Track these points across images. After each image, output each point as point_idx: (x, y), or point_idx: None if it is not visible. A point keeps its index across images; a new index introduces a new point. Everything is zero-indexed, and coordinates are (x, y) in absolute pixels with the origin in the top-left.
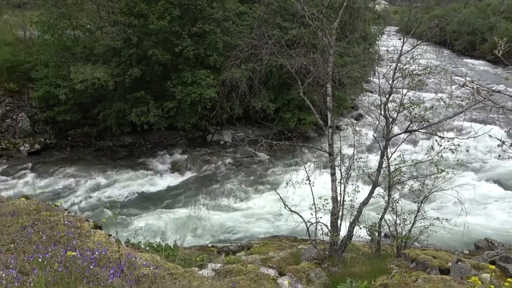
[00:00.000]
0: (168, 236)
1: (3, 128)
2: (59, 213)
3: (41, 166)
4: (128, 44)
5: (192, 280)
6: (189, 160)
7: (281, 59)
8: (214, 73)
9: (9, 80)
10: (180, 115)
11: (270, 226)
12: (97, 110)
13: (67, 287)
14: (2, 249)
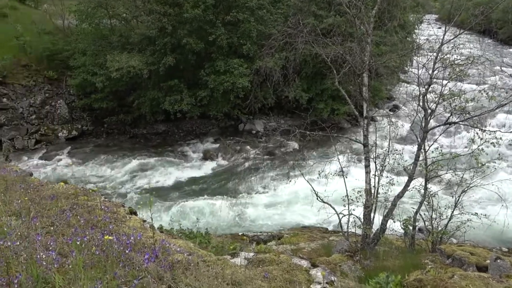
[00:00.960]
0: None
1: (42, 115)
2: (96, 198)
3: (78, 151)
4: (162, 33)
5: (225, 267)
6: (221, 148)
7: (316, 48)
8: (247, 62)
9: (49, 68)
10: (213, 103)
11: (301, 217)
12: (132, 98)
13: (103, 270)
14: (42, 232)
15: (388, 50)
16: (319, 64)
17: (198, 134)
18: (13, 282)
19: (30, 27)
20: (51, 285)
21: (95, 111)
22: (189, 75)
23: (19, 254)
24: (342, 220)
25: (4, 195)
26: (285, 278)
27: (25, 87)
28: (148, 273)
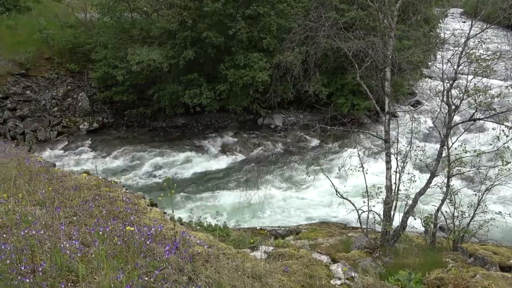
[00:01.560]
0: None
1: (64, 107)
2: (117, 189)
3: (98, 143)
4: (183, 27)
5: (245, 261)
6: (239, 143)
7: (338, 42)
8: (267, 56)
9: (71, 61)
10: (232, 97)
11: (319, 212)
12: (152, 91)
13: (125, 261)
14: (65, 221)
15: (411, 44)
16: (339, 58)
17: (216, 128)
18: (38, 270)
19: (53, 21)
20: (74, 273)
21: (116, 104)
22: (209, 69)
23: (43, 243)
24: (362, 216)
25: (28, 185)
26: (305, 273)
27: (48, 79)
28: (169, 264)
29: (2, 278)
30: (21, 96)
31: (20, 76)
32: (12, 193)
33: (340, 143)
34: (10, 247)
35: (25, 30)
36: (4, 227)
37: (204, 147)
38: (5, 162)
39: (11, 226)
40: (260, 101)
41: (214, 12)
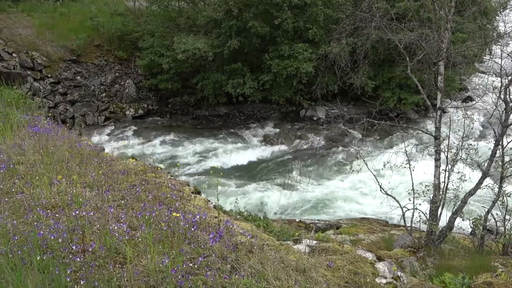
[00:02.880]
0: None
1: (112, 93)
2: (162, 176)
3: (143, 130)
4: (228, 16)
5: (288, 253)
6: (281, 134)
7: (389, 34)
8: (312, 47)
9: (119, 49)
10: (275, 88)
11: (360, 208)
12: (196, 80)
13: (170, 246)
14: (113, 204)
15: (466, 37)
16: (388, 50)
17: (258, 118)
18: (88, 250)
19: (104, 8)
20: (121, 255)
21: (161, 92)
22: (253, 58)
23: (93, 224)
24: (406, 214)
25: (79, 167)
26: (349, 269)
27: (97, 66)
28: (213, 252)
29: (54, 255)
30: (72, 82)
31: (71, 62)
32: (65, 175)
33: (385, 138)
34: (62, 226)
35: (77, 18)
36: (56, 207)
37: (245, 137)
38: (59, 145)
39: (63, 206)
40: (303, 92)
41: (261, 1)
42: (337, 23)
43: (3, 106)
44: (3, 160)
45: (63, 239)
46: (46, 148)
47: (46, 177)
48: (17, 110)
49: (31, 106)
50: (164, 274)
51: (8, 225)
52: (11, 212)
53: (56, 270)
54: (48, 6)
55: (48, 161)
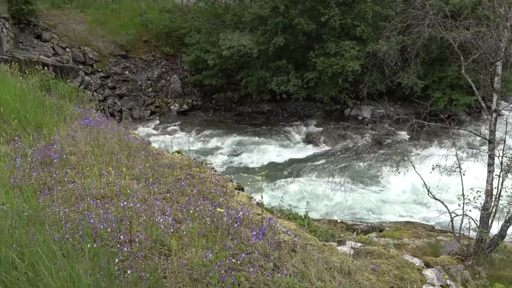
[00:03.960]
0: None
1: (158, 88)
2: (206, 171)
3: (187, 125)
4: (275, 13)
5: (332, 254)
6: (324, 133)
7: (442, 32)
8: (360, 45)
9: (166, 45)
10: (320, 86)
11: (404, 211)
12: (240, 76)
13: (213, 240)
14: (159, 197)
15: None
16: (440, 49)
17: (302, 116)
18: (134, 240)
19: (153, 5)
20: (166, 247)
21: (205, 87)
22: (298, 56)
23: (139, 215)
24: (454, 220)
25: (127, 160)
26: (395, 274)
27: (145, 61)
28: (256, 249)
29: (103, 244)
30: (120, 76)
31: (120, 57)
32: (114, 167)
33: (434, 140)
34: (111, 216)
35: (127, 14)
36: (105, 197)
37: (288, 135)
38: (109, 138)
39: (112, 197)
40: (348, 91)
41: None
42: (386, 20)
43: (58, 99)
44: (57, 150)
45: (111, 229)
46: (96, 140)
47: (96, 168)
48: (70, 102)
49: (83, 99)
50: (207, 268)
51: (60, 213)
52: (63, 200)
53: (104, 259)
54: (100, 3)
55: (98, 152)
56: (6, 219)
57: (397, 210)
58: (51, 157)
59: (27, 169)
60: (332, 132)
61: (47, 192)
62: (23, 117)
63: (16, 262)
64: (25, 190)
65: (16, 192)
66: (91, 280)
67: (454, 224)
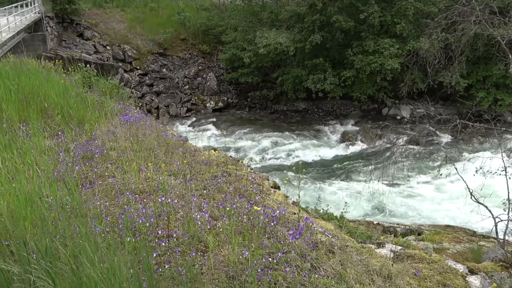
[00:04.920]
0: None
1: (194, 86)
2: (242, 168)
3: (222, 122)
4: (312, 10)
5: (371, 257)
6: (360, 132)
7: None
8: (399, 43)
9: (203, 43)
10: (357, 85)
11: (444, 214)
12: (276, 74)
13: (250, 238)
14: (196, 193)
15: None
16: (484, 47)
17: (338, 115)
18: (172, 236)
19: (190, 3)
20: (203, 243)
21: (240, 85)
22: (335, 54)
23: (177, 211)
24: (499, 225)
25: (165, 156)
26: (437, 280)
27: (182, 59)
28: (292, 248)
29: (142, 238)
30: (158, 74)
31: (158, 55)
32: (152, 163)
33: (477, 142)
34: (149, 211)
35: (166, 12)
36: (144, 193)
37: (323, 134)
38: (147, 134)
39: (150, 192)
40: (387, 90)
41: None
42: (428, 17)
43: (99, 95)
44: (98, 145)
45: (150, 224)
46: (136, 136)
47: (135, 163)
48: (111, 99)
49: (122, 96)
50: (244, 266)
51: (101, 206)
52: (104, 194)
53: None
54: (139, 2)
55: (137, 148)
56: (50, 210)
57: (436, 213)
58: (92, 151)
59: (69, 163)
60: (369, 131)
61: (88, 185)
62: (66, 113)
63: (59, 253)
64: (67, 183)
65: (59, 185)
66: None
67: (498, 230)
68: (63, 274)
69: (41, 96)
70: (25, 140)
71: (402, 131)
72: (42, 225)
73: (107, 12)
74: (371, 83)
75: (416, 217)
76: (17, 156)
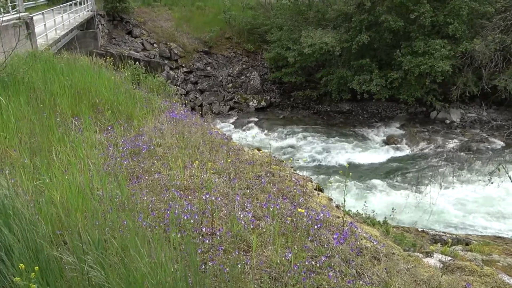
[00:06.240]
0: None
1: (237, 84)
2: (286, 169)
3: (265, 121)
4: (360, 10)
5: (418, 266)
6: (406, 136)
7: None
8: (451, 44)
9: (247, 41)
10: (405, 87)
11: (495, 224)
12: (320, 74)
13: (292, 240)
14: (239, 193)
15: None
16: None
17: (383, 118)
18: (215, 234)
19: (236, 2)
20: (246, 243)
21: (284, 85)
22: (382, 54)
23: (220, 209)
24: None
25: (210, 154)
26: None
27: (226, 57)
28: (336, 253)
29: (186, 235)
30: (203, 72)
31: (203, 53)
32: (196, 160)
33: None
34: (194, 208)
35: (212, 11)
36: (188, 189)
37: (367, 136)
38: (193, 132)
39: (194, 189)
40: (436, 92)
41: None
42: (483, 17)
43: (146, 92)
44: (145, 141)
45: (194, 220)
46: (181, 133)
47: (180, 160)
48: (158, 96)
49: (169, 93)
50: (286, 267)
51: (147, 201)
52: (150, 189)
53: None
54: (187, 0)
55: (183, 145)
56: (100, 203)
57: (485, 223)
58: (140, 147)
59: (118, 157)
60: (416, 135)
61: (135, 180)
62: (116, 108)
63: (108, 245)
64: (116, 177)
65: (108, 179)
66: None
67: None
68: (112, 265)
69: (93, 91)
70: (78, 134)
71: (452, 136)
72: (92, 217)
73: (155, 10)
74: (419, 85)
75: (464, 226)
76: (70, 149)
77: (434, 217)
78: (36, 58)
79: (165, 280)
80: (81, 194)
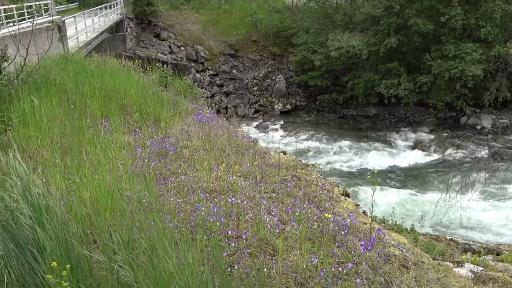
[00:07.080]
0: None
1: (263, 87)
2: (312, 173)
3: (290, 125)
4: (388, 12)
5: (448, 276)
6: (435, 141)
7: None
8: (483, 47)
9: (274, 44)
10: (434, 91)
11: None
12: (347, 78)
13: (319, 246)
14: (265, 196)
15: None
16: None
17: (411, 122)
18: (241, 237)
19: (263, 5)
20: (271, 247)
21: (309, 88)
22: (411, 58)
23: (246, 213)
24: None
25: (236, 157)
26: None
27: (252, 60)
28: (364, 260)
29: (213, 237)
30: (228, 74)
31: (229, 56)
32: (223, 162)
33: None
34: (220, 211)
35: (238, 14)
36: (214, 192)
37: (394, 141)
38: (219, 134)
39: (220, 192)
40: (467, 97)
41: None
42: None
43: (174, 94)
44: (172, 143)
45: (220, 223)
46: (208, 136)
47: (207, 162)
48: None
49: (196, 96)
50: (312, 273)
51: (174, 203)
52: (176, 191)
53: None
54: (214, 4)
55: (209, 148)
56: (129, 204)
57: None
58: (167, 149)
59: (146, 159)
60: (445, 141)
61: (162, 181)
62: (144, 110)
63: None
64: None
65: (136, 180)
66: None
67: None
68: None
69: (121, 93)
70: (107, 135)
71: (483, 143)
72: (121, 217)
73: (183, 13)
74: (449, 89)
75: (494, 236)
76: (99, 150)
77: (464, 225)
78: (68, 61)
79: (192, 281)
80: (110, 194)
